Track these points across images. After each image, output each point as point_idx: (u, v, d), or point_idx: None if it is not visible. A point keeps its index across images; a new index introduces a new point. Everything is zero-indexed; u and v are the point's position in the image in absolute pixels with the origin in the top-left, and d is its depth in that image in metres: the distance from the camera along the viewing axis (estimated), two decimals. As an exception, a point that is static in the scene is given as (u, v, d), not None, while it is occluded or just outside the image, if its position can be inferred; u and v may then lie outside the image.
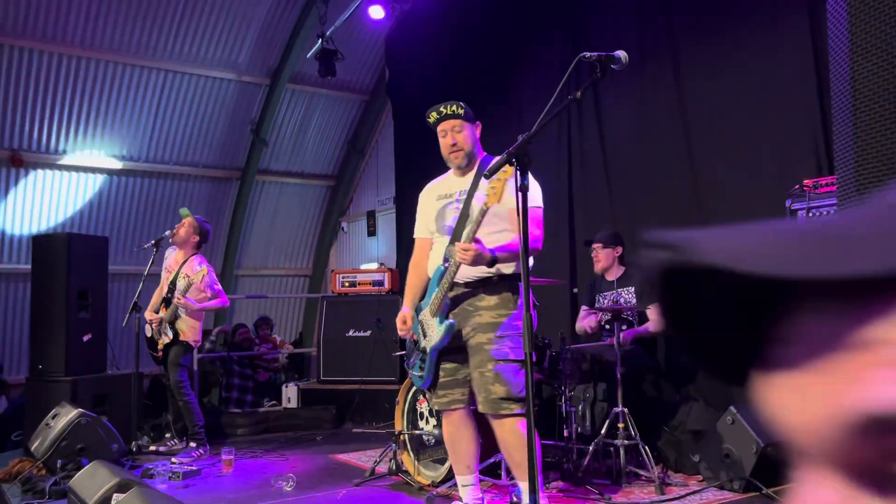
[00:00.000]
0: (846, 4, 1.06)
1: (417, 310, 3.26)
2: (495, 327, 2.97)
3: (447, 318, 3.09)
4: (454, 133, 3.20)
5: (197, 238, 5.38)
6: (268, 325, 8.71)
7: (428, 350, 3.13)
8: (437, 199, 3.32)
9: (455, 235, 3.11)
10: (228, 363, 7.53)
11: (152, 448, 5.47)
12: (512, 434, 2.97)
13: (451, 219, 3.19)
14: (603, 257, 4.64)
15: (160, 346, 5.32)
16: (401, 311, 3.31)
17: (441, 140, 3.26)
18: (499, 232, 3.02)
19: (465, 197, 3.17)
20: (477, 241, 2.85)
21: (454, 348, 3.10)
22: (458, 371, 3.14)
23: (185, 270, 5.26)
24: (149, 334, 5.44)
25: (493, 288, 3.03)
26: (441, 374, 3.16)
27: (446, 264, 3.06)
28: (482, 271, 2.98)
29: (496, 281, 3.01)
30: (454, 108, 3.22)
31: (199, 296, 5.25)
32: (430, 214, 3.31)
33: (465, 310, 3.07)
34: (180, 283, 5.22)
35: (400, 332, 3.30)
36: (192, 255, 5.35)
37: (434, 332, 3.11)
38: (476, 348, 3.02)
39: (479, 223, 2.83)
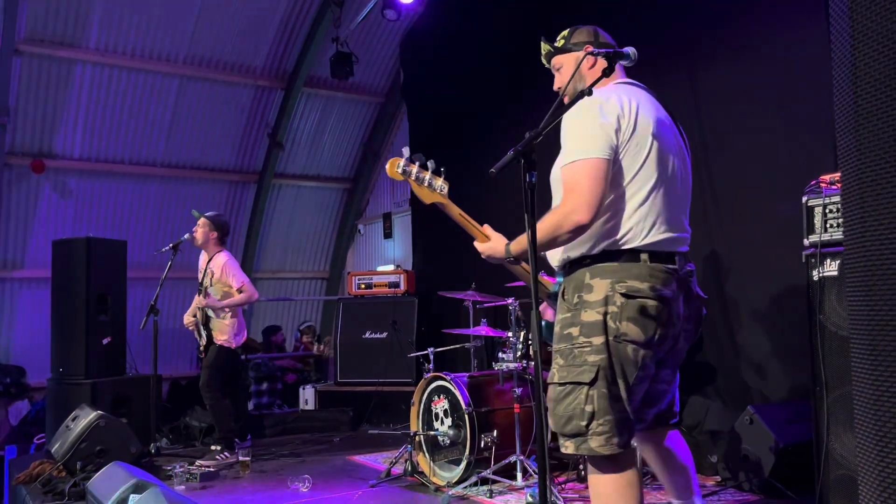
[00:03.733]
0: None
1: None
2: (554, 339, 2.21)
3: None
4: (556, 74, 2.45)
5: (216, 234, 5.43)
6: (311, 332, 8.80)
7: None
8: None
9: None
10: (263, 367, 7.60)
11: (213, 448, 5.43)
12: (590, 486, 2.19)
13: None
14: None
15: (202, 348, 5.38)
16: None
17: None
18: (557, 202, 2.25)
19: None
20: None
21: None
22: None
23: (211, 267, 5.32)
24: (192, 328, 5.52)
25: (564, 283, 2.25)
26: None
27: None
28: (559, 257, 2.30)
29: (566, 270, 2.26)
30: (543, 45, 2.48)
31: (224, 289, 5.28)
32: None
33: None
34: (206, 282, 5.29)
35: None
36: (217, 251, 5.40)
37: None
38: None
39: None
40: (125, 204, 8.11)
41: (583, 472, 4.01)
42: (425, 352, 4.85)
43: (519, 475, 4.03)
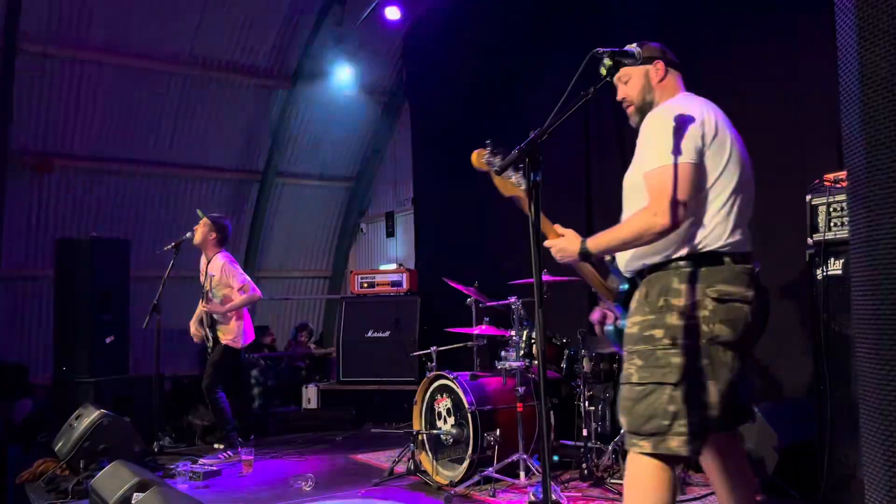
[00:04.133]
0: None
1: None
2: (628, 340, 2.24)
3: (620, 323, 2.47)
4: (620, 86, 2.47)
5: (214, 235, 5.39)
6: (307, 331, 8.78)
7: None
8: None
9: None
10: (254, 366, 7.59)
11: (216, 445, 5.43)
12: (628, 472, 2.23)
13: None
14: None
15: (210, 350, 5.39)
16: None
17: None
18: (636, 208, 2.28)
19: None
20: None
21: None
22: None
23: (210, 270, 5.32)
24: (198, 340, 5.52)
25: (640, 285, 2.29)
26: None
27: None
28: (632, 261, 2.33)
29: (645, 274, 2.29)
30: (611, 56, 2.37)
31: (224, 290, 5.28)
32: None
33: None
34: (207, 286, 5.29)
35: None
36: (215, 253, 5.39)
37: None
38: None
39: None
40: (128, 203, 8.12)
41: (585, 472, 4.01)
42: (428, 351, 4.85)
43: (522, 474, 4.03)
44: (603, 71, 2.42)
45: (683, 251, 2.19)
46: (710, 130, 2.22)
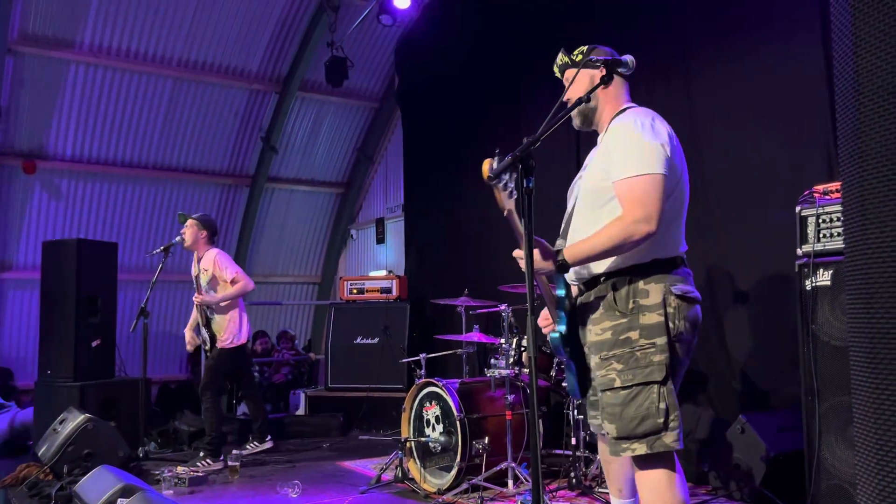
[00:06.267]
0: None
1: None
2: (601, 347, 2.27)
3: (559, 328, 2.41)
4: (567, 87, 2.44)
5: (205, 233, 5.36)
6: (288, 339, 8.74)
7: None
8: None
9: (567, 221, 2.49)
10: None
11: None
12: (640, 485, 2.23)
13: (572, 199, 2.52)
14: None
15: (208, 351, 5.31)
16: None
17: None
18: (598, 212, 2.30)
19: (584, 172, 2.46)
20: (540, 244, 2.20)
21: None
22: (595, 393, 2.37)
23: (203, 265, 5.28)
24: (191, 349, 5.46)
25: (599, 291, 2.32)
26: (588, 389, 2.42)
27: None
28: (587, 269, 2.34)
29: (601, 281, 2.32)
30: (561, 56, 2.48)
31: (219, 284, 5.24)
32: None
33: (583, 321, 2.38)
34: (202, 280, 5.24)
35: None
36: (207, 249, 5.36)
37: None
38: (594, 373, 2.33)
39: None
40: (117, 206, 8.06)
41: (573, 481, 4.00)
42: (417, 357, 4.83)
43: (510, 482, 4.02)
44: (556, 70, 2.51)
45: (652, 257, 2.25)
46: (670, 144, 2.28)
